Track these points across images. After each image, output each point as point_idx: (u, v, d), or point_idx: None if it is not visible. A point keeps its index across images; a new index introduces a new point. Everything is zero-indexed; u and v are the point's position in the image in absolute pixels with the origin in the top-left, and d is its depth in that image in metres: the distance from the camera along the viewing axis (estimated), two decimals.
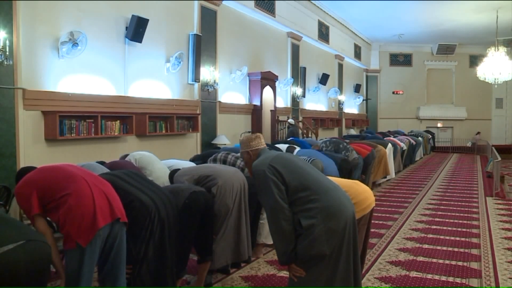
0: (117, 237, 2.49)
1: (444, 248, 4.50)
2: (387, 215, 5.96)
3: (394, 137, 11.57)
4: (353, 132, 14.58)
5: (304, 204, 2.30)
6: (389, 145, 8.91)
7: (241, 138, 2.76)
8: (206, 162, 4.52)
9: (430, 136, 15.86)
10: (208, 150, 5.96)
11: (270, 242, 4.13)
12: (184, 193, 3.13)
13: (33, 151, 4.73)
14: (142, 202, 2.72)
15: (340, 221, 2.29)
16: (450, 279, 3.68)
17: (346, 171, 5.61)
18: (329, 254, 2.28)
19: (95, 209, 2.37)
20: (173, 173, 3.78)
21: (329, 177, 2.63)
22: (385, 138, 10.30)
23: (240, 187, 3.54)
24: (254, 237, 3.94)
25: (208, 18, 7.56)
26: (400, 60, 18.73)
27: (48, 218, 2.56)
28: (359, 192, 2.86)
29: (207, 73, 7.42)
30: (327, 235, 2.26)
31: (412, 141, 11.93)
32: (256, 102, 9.05)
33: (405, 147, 10.75)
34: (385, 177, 8.52)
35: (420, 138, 13.52)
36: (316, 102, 12.91)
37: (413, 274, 3.78)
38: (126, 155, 4.45)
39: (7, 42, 4.29)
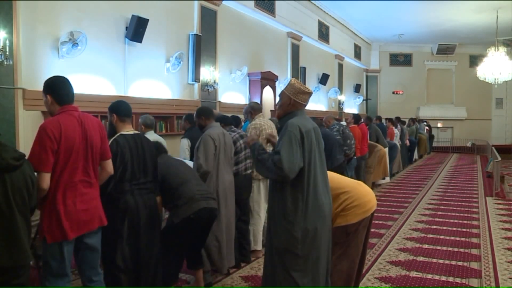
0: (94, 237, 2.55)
1: (444, 248, 4.50)
2: (387, 215, 5.96)
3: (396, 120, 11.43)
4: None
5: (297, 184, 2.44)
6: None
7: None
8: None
9: (426, 125, 15.71)
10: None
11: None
12: (194, 206, 3.06)
13: None
14: (127, 204, 2.75)
15: (319, 219, 2.44)
16: (450, 279, 3.68)
17: (338, 172, 5.71)
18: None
19: (70, 223, 2.35)
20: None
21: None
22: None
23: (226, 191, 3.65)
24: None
25: (208, 18, 7.56)
26: (400, 60, 18.71)
27: None
28: (362, 194, 2.86)
29: (207, 73, 7.41)
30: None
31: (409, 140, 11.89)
32: None
33: (398, 148, 10.73)
34: (384, 178, 8.51)
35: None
36: (316, 102, 12.89)
37: (413, 274, 3.78)
38: None
39: (7, 42, 4.28)
